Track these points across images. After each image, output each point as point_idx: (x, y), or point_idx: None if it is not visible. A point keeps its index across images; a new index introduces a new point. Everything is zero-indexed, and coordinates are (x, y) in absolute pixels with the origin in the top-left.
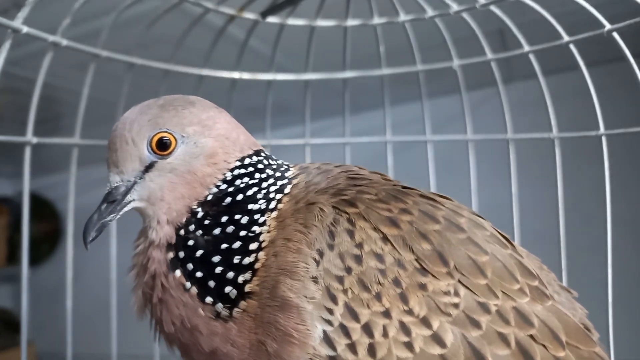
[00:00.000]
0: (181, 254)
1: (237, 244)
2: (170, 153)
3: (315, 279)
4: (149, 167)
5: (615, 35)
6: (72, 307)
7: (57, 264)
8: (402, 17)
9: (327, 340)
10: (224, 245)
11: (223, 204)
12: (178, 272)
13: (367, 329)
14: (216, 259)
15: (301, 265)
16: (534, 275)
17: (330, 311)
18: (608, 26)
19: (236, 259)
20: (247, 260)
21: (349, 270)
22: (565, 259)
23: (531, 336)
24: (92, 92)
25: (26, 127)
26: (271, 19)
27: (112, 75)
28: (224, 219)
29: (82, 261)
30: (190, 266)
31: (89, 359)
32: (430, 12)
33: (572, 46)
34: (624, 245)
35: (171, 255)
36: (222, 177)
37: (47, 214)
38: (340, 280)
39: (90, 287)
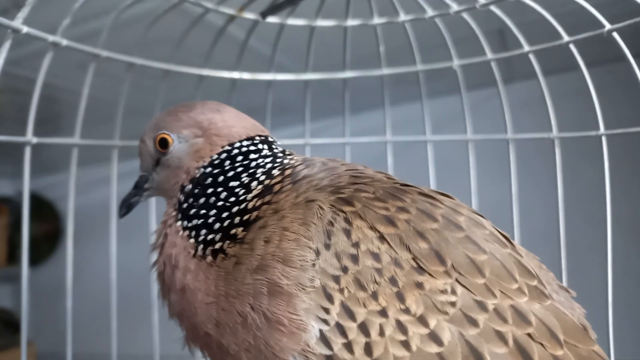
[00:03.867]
0: (179, 215)
1: (213, 212)
2: (169, 151)
3: (311, 278)
4: (157, 162)
5: (615, 35)
6: (72, 307)
7: (57, 264)
8: (402, 17)
9: (324, 339)
10: (202, 211)
11: (205, 182)
12: (178, 223)
13: (364, 328)
14: (197, 219)
15: (298, 254)
16: (532, 275)
17: (327, 310)
18: (608, 26)
19: (210, 220)
20: (224, 223)
21: (345, 269)
22: (565, 259)
23: (529, 335)
24: (92, 92)
25: (26, 127)
26: (271, 19)
27: (112, 75)
28: (209, 190)
29: (82, 261)
30: (184, 220)
31: (89, 359)
32: (430, 12)
33: (572, 46)
34: (624, 245)
35: (174, 213)
36: (207, 163)
37: (47, 214)
38: (336, 279)
39: (90, 287)
